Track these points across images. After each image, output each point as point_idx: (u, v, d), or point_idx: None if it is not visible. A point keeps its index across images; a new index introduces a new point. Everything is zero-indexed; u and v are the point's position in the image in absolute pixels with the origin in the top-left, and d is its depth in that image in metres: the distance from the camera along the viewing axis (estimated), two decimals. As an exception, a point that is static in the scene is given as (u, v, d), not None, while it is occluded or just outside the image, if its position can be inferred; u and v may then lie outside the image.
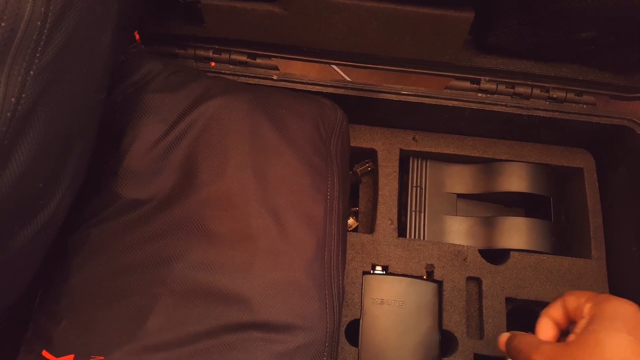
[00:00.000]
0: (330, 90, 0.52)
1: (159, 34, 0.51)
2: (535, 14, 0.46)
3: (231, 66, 0.53)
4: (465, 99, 0.53)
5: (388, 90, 0.52)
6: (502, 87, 0.53)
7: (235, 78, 0.52)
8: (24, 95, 0.27)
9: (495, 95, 0.53)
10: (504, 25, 0.48)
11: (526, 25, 0.48)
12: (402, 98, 0.52)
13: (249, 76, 0.52)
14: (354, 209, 0.58)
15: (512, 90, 0.53)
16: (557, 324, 0.38)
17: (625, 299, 0.35)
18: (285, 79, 0.52)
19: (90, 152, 0.38)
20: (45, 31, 0.27)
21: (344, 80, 0.53)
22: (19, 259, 0.34)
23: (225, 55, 0.52)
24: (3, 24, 0.25)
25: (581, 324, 0.34)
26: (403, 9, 0.46)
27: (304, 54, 0.52)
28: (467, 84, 0.53)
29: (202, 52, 0.52)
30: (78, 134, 0.35)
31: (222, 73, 0.52)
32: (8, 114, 0.26)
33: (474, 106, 0.53)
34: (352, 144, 0.57)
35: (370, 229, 0.55)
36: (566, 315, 0.37)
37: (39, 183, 0.32)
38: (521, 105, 0.53)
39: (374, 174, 0.58)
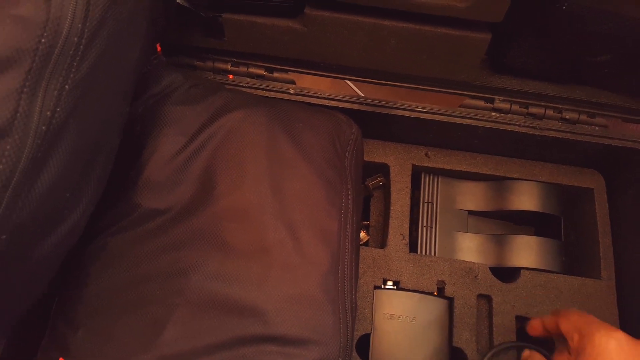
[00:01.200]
0: (345, 105, 0.53)
1: (180, 46, 0.52)
2: (551, 38, 0.47)
3: (249, 79, 0.53)
4: (478, 117, 0.53)
5: (403, 107, 0.53)
6: (515, 107, 0.53)
7: (253, 91, 0.53)
8: (58, 109, 0.28)
9: (509, 115, 0.54)
10: (520, 47, 0.49)
11: (542, 47, 0.49)
12: (416, 115, 0.53)
13: (266, 89, 0.53)
14: (365, 222, 0.59)
15: (525, 110, 0.53)
16: (546, 330, 0.41)
17: (611, 328, 0.36)
18: (301, 93, 0.53)
19: (112, 162, 0.39)
20: (82, 47, 0.28)
21: (359, 95, 0.53)
22: (39, 266, 0.34)
23: (243, 69, 0.53)
24: (43, 40, 0.26)
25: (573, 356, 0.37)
26: (422, 29, 0.47)
27: (321, 69, 0.53)
28: (482, 103, 0.53)
29: (220, 65, 0.53)
30: (103, 146, 0.35)
31: (240, 86, 0.53)
32: (43, 127, 0.27)
33: (488, 125, 0.53)
34: (365, 158, 0.57)
35: (382, 244, 0.55)
36: (557, 331, 0.40)
37: (66, 193, 0.32)
38: (534, 125, 0.54)
39: (385, 188, 0.59)
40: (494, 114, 0.54)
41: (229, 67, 0.53)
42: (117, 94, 0.34)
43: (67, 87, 0.28)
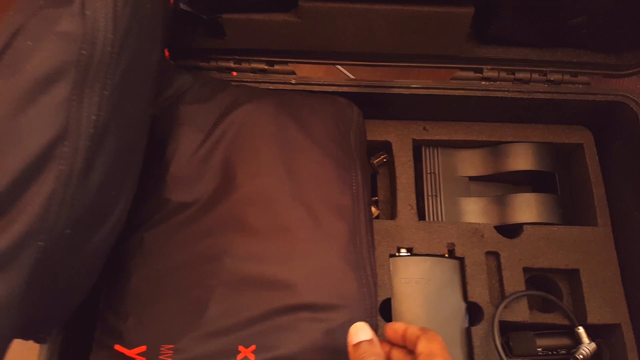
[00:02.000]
0: (345, 89, 0.56)
1: (184, 49, 0.55)
2: (530, 5, 0.50)
3: (251, 74, 0.57)
4: (470, 87, 0.57)
5: (399, 85, 0.56)
6: (503, 74, 0.57)
7: (257, 85, 0.56)
8: (101, 113, 0.31)
9: (498, 82, 0.57)
10: (502, 17, 0.52)
11: (522, 15, 0.52)
12: (413, 91, 0.56)
13: (269, 82, 0.56)
14: (374, 198, 0.62)
15: (512, 76, 0.57)
16: (403, 338, 0.40)
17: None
18: (303, 82, 0.56)
19: (142, 162, 0.42)
20: (115, 55, 0.31)
21: (357, 79, 0.57)
22: (90, 259, 0.38)
23: (245, 65, 0.56)
24: (83, 52, 0.29)
25: None
26: (409, 9, 0.50)
27: (318, 57, 0.56)
28: (471, 74, 0.57)
29: (223, 63, 0.56)
30: (136, 146, 0.38)
31: (244, 81, 0.56)
32: (91, 130, 0.30)
33: (479, 94, 0.57)
34: (368, 138, 0.61)
35: (392, 216, 0.59)
36: (412, 345, 0.38)
37: (111, 191, 0.36)
38: (522, 89, 0.57)
39: (389, 164, 0.62)
40: (483, 82, 0.57)
41: (231, 64, 0.56)
42: (144, 96, 0.38)
43: (105, 92, 0.31)
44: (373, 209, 0.61)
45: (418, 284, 0.55)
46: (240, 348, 0.39)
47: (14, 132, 0.27)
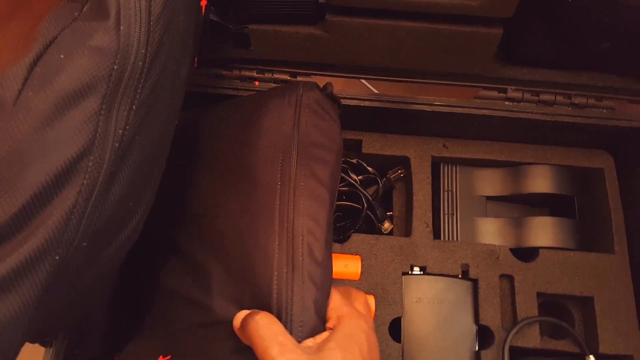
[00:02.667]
0: (366, 103, 0.56)
1: (208, 58, 0.55)
2: (558, 29, 0.50)
3: (274, 84, 0.56)
4: (493, 107, 0.56)
5: (421, 102, 0.56)
6: (527, 95, 0.56)
7: (278, 95, 0.56)
8: (127, 127, 0.31)
9: (522, 103, 0.57)
10: (530, 39, 0.52)
11: (550, 38, 0.51)
12: (435, 108, 0.56)
13: (291, 93, 0.56)
14: (389, 213, 0.62)
15: (537, 97, 0.56)
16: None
17: (356, 316, 0.35)
18: (324, 94, 0.56)
19: (162, 172, 0.42)
20: (145, 70, 0.31)
21: (380, 94, 0.56)
22: (104, 270, 0.38)
23: (268, 75, 0.56)
24: (115, 67, 0.29)
25: (322, 335, 0.35)
26: (437, 28, 0.50)
27: (342, 71, 0.56)
28: (495, 93, 0.56)
29: (247, 73, 0.56)
30: (159, 158, 0.38)
31: (265, 91, 0.56)
32: (116, 144, 0.30)
33: (502, 114, 0.56)
34: (387, 152, 0.61)
35: (407, 232, 0.59)
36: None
37: (130, 203, 0.36)
38: (545, 111, 0.56)
39: (406, 180, 0.62)
40: (507, 103, 0.57)
41: (254, 74, 0.56)
42: (171, 108, 0.38)
43: (134, 107, 0.31)
44: (387, 223, 0.61)
45: (430, 304, 0.55)
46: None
47: (40, 145, 0.27)
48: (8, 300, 0.27)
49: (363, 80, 0.79)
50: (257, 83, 0.56)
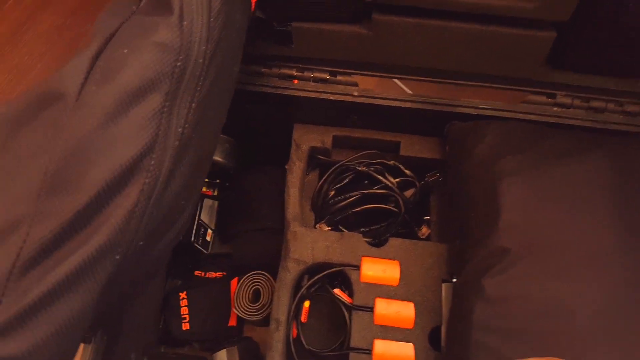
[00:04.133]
0: (407, 105, 0.55)
1: (247, 55, 0.53)
2: (617, 34, 0.48)
3: (313, 83, 0.55)
4: (541, 112, 0.54)
5: (466, 105, 0.54)
6: (577, 102, 0.54)
7: (317, 94, 0.55)
8: (186, 126, 0.30)
9: (571, 110, 0.55)
10: (583, 45, 0.50)
11: (605, 44, 0.49)
12: (480, 112, 0.54)
13: (330, 92, 0.55)
14: (426, 218, 0.61)
15: (587, 104, 0.54)
16: None
17: None
18: (365, 94, 0.55)
19: (209, 169, 0.41)
20: (205, 67, 0.30)
21: (423, 95, 0.55)
22: (151, 268, 0.37)
23: (308, 74, 0.55)
24: (178, 64, 0.28)
25: None
26: (487, 29, 0.48)
27: (383, 71, 0.55)
28: (544, 99, 0.54)
29: (286, 71, 0.55)
30: (209, 156, 0.38)
31: (304, 90, 0.55)
32: (176, 142, 0.29)
33: (550, 120, 0.54)
34: (425, 155, 0.59)
35: (445, 238, 0.57)
36: None
37: (182, 201, 0.35)
38: (595, 118, 0.54)
39: (444, 185, 0.60)
40: (555, 108, 0.55)
41: (294, 72, 0.55)
42: (222, 107, 0.37)
43: (193, 105, 0.30)
44: (424, 228, 0.60)
45: (470, 312, 0.53)
46: None
47: (105, 141, 0.26)
48: (70, 301, 0.26)
49: (396, 80, 0.77)
50: (295, 81, 0.55)
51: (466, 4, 0.46)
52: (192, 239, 0.58)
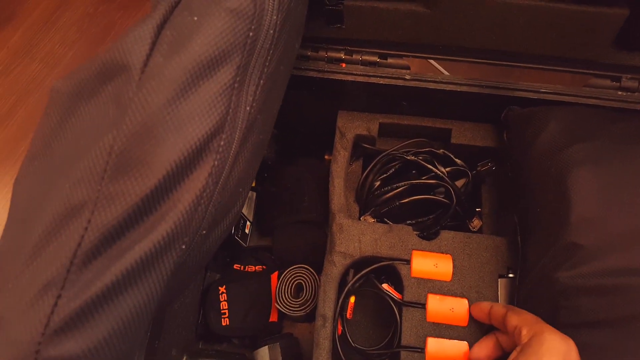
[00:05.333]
0: (464, 88, 0.51)
1: (295, 36, 0.51)
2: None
3: (361, 66, 0.52)
4: (605, 97, 0.51)
5: (526, 88, 0.51)
6: (644, 85, 0.51)
7: (366, 78, 0.52)
8: (254, 105, 0.27)
9: (637, 94, 0.51)
10: (658, 21, 0.46)
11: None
12: (541, 96, 0.51)
13: (380, 76, 0.52)
14: (477, 209, 0.58)
15: (655, 88, 0.51)
16: (489, 317, 0.43)
17: (561, 335, 0.35)
18: (417, 78, 0.51)
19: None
20: (275, 39, 0.27)
21: (479, 79, 0.51)
22: (203, 259, 0.35)
23: (357, 56, 0.52)
24: (251, 34, 0.25)
25: (515, 352, 0.36)
26: (554, 6, 0.45)
27: (439, 52, 0.52)
28: (608, 82, 0.51)
29: (334, 54, 0.52)
30: (266, 142, 0.35)
31: (353, 74, 0.52)
32: (244, 122, 0.27)
33: (614, 104, 0.51)
34: (479, 143, 0.56)
35: (498, 231, 0.54)
36: (500, 321, 0.40)
37: (240, 187, 0.32)
38: (664, 103, 0.51)
39: (497, 174, 0.57)
40: (620, 93, 0.51)
41: (342, 55, 0.52)
42: (283, 86, 0.34)
43: (262, 81, 0.27)
44: (476, 220, 0.57)
45: (529, 309, 0.50)
46: None
47: (173, 119, 0.24)
48: (135, 294, 0.24)
49: (432, 61, 0.74)
50: (343, 65, 0.52)
51: (534, -23, 0.42)
52: (232, 231, 0.56)
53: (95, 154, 0.23)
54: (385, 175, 0.57)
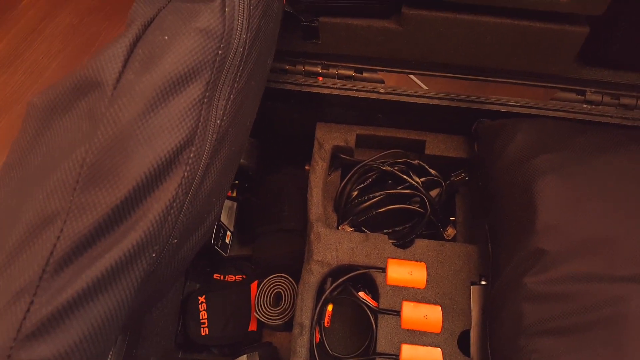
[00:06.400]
0: (435, 102, 0.53)
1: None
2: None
3: (338, 80, 0.54)
4: (570, 109, 0.53)
5: (495, 102, 0.53)
6: (607, 99, 0.53)
7: (342, 92, 0.53)
8: (224, 118, 0.29)
9: (600, 107, 0.53)
10: (617, 40, 0.49)
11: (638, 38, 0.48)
12: (509, 109, 0.53)
13: (356, 90, 0.54)
14: (452, 218, 0.59)
15: (617, 101, 0.53)
16: None
17: None
18: (391, 91, 0.53)
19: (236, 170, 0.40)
20: (244, 57, 0.29)
21: (452, 93, 0.53)
22: (177, 269, 0.36)
23: (333, 70, 0.53)
24: (220, 52, 0.27)
25: None
26: (519, 24, 0.47)
27: (411, 67, 0.53)
28: (573, 96, 0.53)
29: (311, 68, 0.53)
30: (239, 153, 0.36)
31: (329, 87, 0.54)
32: (214, 135, 0.28)
33: (580, 117, 0.53)
34: (451, 154, 0.58)
35: (471, 239, 0.56)
36: None
37: (213, 198, 0.33)
38: (626, 116, 0.53)
39: (470, 184, 0.59)
40: (585, 105, 0.53)
41: (319, 69, 0.53)
42: (255, 102, 0.35)
43: (232, 96, 0.29)
44: (450, 229, 0.58)
45: (500, 316, 0.51)
46: None
47: (144, 133, 0.25)
48: (105, 300, 0.24)
49: (413, 77, 0.76)
50: (320, 79, 0.54)
51: (500, -2, 0.45)
52: (212, 241, 0.57)
53: (68, 166, 0.24)
54: (362, 185, 0.59)
